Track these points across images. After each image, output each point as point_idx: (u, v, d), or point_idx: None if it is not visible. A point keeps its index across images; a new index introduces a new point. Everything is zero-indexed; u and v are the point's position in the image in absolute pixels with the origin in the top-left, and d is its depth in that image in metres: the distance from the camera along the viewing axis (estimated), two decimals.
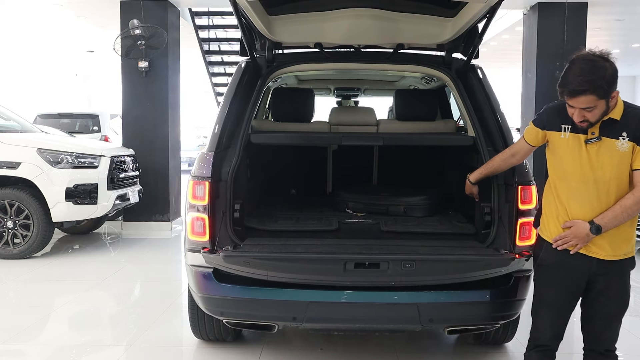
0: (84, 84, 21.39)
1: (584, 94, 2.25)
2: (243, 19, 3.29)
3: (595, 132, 2.36)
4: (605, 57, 2.27)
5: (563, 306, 2.53)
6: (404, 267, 2.75)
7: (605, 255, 2.41)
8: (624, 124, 2.33)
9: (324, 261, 2.84)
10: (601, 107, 2.30)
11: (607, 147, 2.35)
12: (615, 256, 2.41)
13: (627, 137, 2.32)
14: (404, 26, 3.54)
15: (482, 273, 2.91)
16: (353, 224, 3.51)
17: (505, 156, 2.88)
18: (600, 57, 2.27)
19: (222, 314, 3.05)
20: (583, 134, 2.39)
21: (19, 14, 10.03)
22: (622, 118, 2.34)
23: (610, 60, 2.27)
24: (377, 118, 4.14)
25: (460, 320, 3.01)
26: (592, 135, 2.37)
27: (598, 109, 2.30)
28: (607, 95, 2.28)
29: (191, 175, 3.05)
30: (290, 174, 4.70)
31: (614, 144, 2.33)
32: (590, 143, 2.37)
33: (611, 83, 2.26)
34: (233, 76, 3.50)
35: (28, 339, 3.93)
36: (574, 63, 2.29)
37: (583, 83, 2.24)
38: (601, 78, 2.23)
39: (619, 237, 2.40)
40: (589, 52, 2.31)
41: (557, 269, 2.51)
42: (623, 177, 2.35)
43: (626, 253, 2.43)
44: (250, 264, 2.84)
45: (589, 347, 2.53)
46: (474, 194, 3.19)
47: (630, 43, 13.55)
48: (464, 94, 3.47)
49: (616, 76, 2.27)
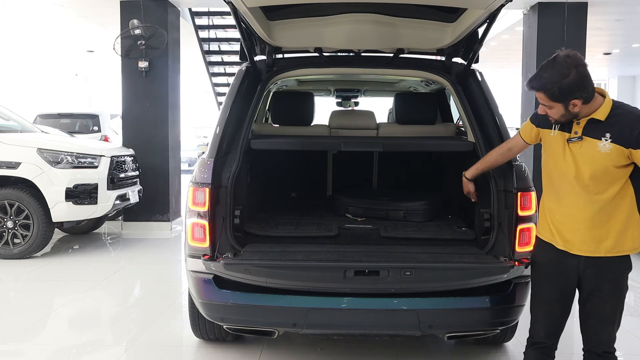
0: (84, 84, 21.39)
1: (538, 91, 2.31)
2: (243, 24, 3.29)
3: (579, 131, 2.38)
4: (573, 65, 2.24)
5: (555, 303, 2.55)
6: (404, 274, 2.76)
7: (588, 252, 2.41)
8: (609, 125, 2.33)
9: (324, 269, 2.85)
10: (559, 109, 2.33)
11: (588, 147, 2.36)
12: (598, 252, 2.40)
13: (610, 138, 2.32)
14: (404, 31, 3.54)
15: (481, 280, 2.93)
16: (353, 229, 3.52)
17: (502, 150, 2.90)
18: (568, 63, 2.25)
19: (222, 320, 3.07)
20: (567, 133, 2.42)
21: (19, 14, 10.03)
22: (608, 119, 2.34)
23: (580, 69, 2.24)
24: (377, 121, 4.14)
25: (460, 327, 3.02)
26: (575, 134, 2.39)
27: (556, 110, 2.33)
28: (561, 100, 2.28)
29: (191, 181, 3.06)
30: (290, 178, 4.70)
31: (596, 144, 2.34)
32: (571, 142, 2.39)
33: (567, 92, 2.25)
34: (233, 81, 3.51)
35: (28, 339, 3.94)
36: (551, 58, 2.31)
37: (536, 79, 2.31)
38: (554, 82, 2.25)
39: (597, 232, 2.39)
40: (570, 53, 2.29)
41: (548, 266, 2.54)
42: (603, 177, 2.35)
43: (611, 250, 2.39)
44: (251, 272, 2.85)
45: (587, 348, 2.54)
46: (470, 193, 3.18)
47: (630, 43, 13.55)
48: (464, 98, 3.48)
49: (577, 86, 2.24)
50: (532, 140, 2.68)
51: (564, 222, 2.46)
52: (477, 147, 3.28)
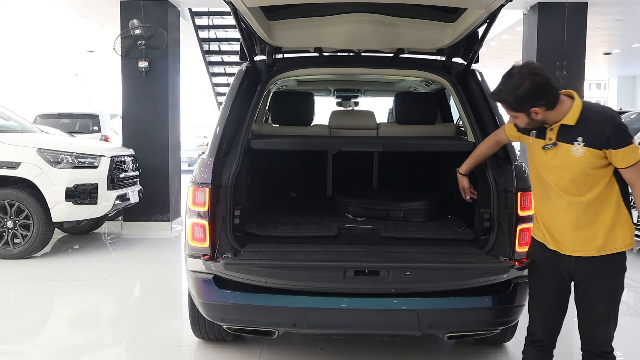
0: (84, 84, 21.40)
1: (499, 102, 2.41)
2: (243, 24, 3.29)
3: (553, 137, 2.41)
4: (526, 74, 2.28)
5: (549, 301, 2.56)
6: (404, 274, 2.76)
7: (578, 252, 2.42)
8: (580, 129, 2.34)
9: (324, 269, 2.85)
10: (522, 118, 2.39)
11: (563, 152, 2.38)
12: (588, 252, 2.40)
13: (583, 142, 2.33)
14: (404, 31, 3.54)
15: (481, 280, 2.93)
16: (353, 229, 3.52)
17: (490, 143, 2.97)
18: (521, 73, 2.29)
19: (222, 320, 3.07)
20: (543, 140, 2.45)
21: (19, 14, 10.04)
22: (579, 123, 2.35)
23: (534, 78, 2.27)
24: (376, 121, 4.14)
25: (460, 327, 3.02)
26: (550, 141, 2.42)
27: (520, 119, 2.40)
28: (520, 109, 2.34)
29: (191, 181, 3.06)
30: (290, 178, 4.70)
31: (569, 149, 2.36)
32: (546, 149, 2.43)
33: (523, 101, 2.30)
34: (233, 81, 3.50)
35: (28, 339, 3.94)
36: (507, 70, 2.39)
37: (495, 92, 2.40)
38: (510, 93, 2.31)
39: (584, 233, 2.39)
40: (525, 63, 2.34)
41: (542, 265, 2.57)
42: (584, 180, 2.36)
43: (602, 249, 2.39)
44: (251, 272, 2.86)
45: (585, 348, 2.55)
46: (465, 189, 3.20)
47: (630, 43, 13.56)
48: (464, 98, 3.48)
49: (533, 94, 2.28)
50: (514, 139, 2.75)
51: (551, 224, 2.50)
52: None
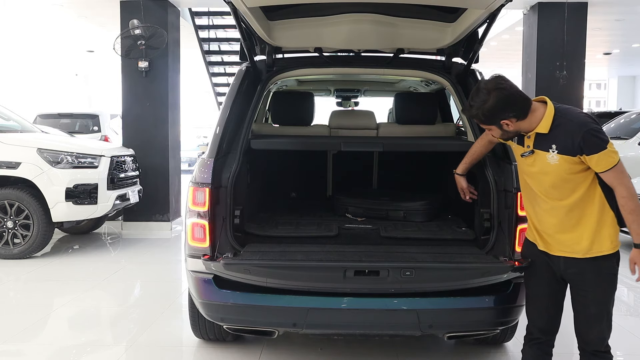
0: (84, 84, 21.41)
1: (471, 117, 2.49)
2: (243, 24, 3.29)
3: (530, 145, 2.45)
4: (491, 89, 2.32)
5: (543, 299, 2.59)
6: (404, 274, 2.76)
7: (566, 253, 2.44)
8: (553, 137, 2.37)
9: (324, 269, 2.85)
10: (495, 131, 2.45)
11: (540, 159, 2.42)
12: (575, 254, 2.41)
13: (557, 150, 2.36)
14: (403, 31, 3.54)
15: (481, 280, 2.93)
16: (353, 229, 3.52)
17: (483, 142, 3.00)
18: (486, 89, 2.34)
19: (222, 320, 3.07)
20: (521, 147, 2.50)
21: (19, 14, 10.04)
22: (551, 131, 2.37)
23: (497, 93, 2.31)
24: (376, 121, 4.14)
25: (460, 327, 3.02)
26: (527, 148, 2.46)
27: (494, 131, 2.46)
28: (491, 122, 2.41)
29: (191, 181, 3.05)
30: (290, 178, 4.70)
31: (545, 156, 2.40)
32: (524, 156, 2.48)
33: (490, 115, 2.36)
34: (233, 81, 3.50)
35: (28, 339, 3.94)
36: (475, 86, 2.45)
37: (465, 108, 2.51)
38: (477, 108, 2.38)
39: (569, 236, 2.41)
40: (491, 78, 2.39)
41: (535, 263, 2.59)
42: (564, 185, 2.39)
43: (589, 252, 2.39)
44: (251, 272, 2.85)
45: (581, 347, 2.57)
46: (464, 190, 3.20)
47: (630, 43, 13.57)
48: (464, 98, 3.48)
49: (498, 108, 2.32)
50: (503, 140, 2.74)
51: (539, 226, 2.54)
52: None
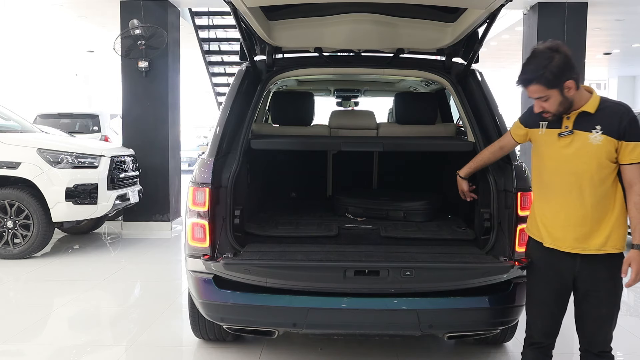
0: (84, 84, 21.40)
1: (531, 84, 2.36)
2: (243, 24, 3.29)
3: (569, 125, 2.43)
4: (554, 49, 2.33)
5: (550, 304, 2.56)
6: (404, 274, 2.76)
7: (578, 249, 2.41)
8: (599, 118, 2.38)
9: (324, 269, 2.85)
10: (556, 97, 2.36)
11: (579, 140, 2.40)
12: (588, 249, 2.40)
13: (601, 130, 2.36)
14: (403, 31, 3.54)
15: (481, 280, 2.93)
16: (353, 229, 3.52)
17: (493, 149, 2.95)
18: (549, 48, 2.34)
19: (222, 320, 3.07)
20: (557, 129, 2.46)
21: (19, 14, 10.04)
22: (597, 112, 2.39)
23: (562, 51, 2.33)
24: (377, 121, 4.14)
25: (460, 326, 3.02)
26: (566, 129, 2.43)
27: (553, 99, 2.37)
28: (555, 85, 2.34)
29: (191, 181, 3.05)
30: (290, 178, 4.70)
31: (587, 136, 2.38)
32: (562, 136, 2.43)
33: (558, 74, 2.32)
34: (233, 81, 3.50)
35: (28, 339, 3.94)
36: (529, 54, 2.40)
37: (528, 72, 2.37)
38: (544, 67, 2.32)
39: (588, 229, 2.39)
40: (541, 43, 2.39)
41: (542, 267, 2.55)
42: (596, 170, 2.37)
43: (602, 248, 2.38)
44: (251, 272, 2.85)
45: (584, 348, 2.55)
46: (465, 192, 3.20)
47: (630, 43, 13.55)
48: (464, 98, 3.48)
49: (565, 67, 2.32)
50: (521, 140, 2.73)
51: (553, 220, 2.48)
52: (477, 147, 3.28)
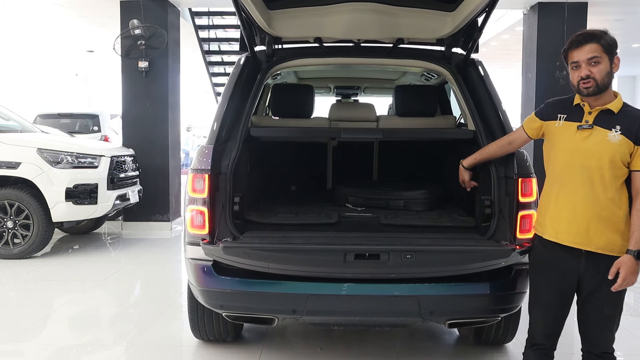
0: (84, 84, 21.39)
1: (589, 42, 2.38)
2: (243, 14, 3.29)
3: (590, 120, 2.42)
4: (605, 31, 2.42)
5: (554, 305, 2.54)
6: (404, 257, 2.73)
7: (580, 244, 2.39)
8: (620, 119, 2.39)
9: (324, 252, 2.82)
10: (605, 64, 2.38)
11: (598, 136, 2.39)
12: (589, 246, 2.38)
13: (620, 130, 2.36)
14: (403, 21, 3.53)
15: (482, 264, 2.89)
16: (353, 217, 3.50)
17: (502, 143, 2.93)
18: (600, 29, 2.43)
19: (222, 307, 3.03)
20: (577, 122, 2.45)
21: (19, 14, 10.03)
22: (619, 113, 2.41)
23: None
24: (377, 114, 4.13)
25: (461, 313, 2.99)
26: (586, 122, 2.43)
27: (603, 65, 2.38)
28: (610, 51, 2.38)
29: (191, 168, 3.03)
30: (290, 171, 4.67)
31: (606, 134, 2.38)
32: (582, 129, 2.43)
33: (613, 44, 2.39)
34: (233, 70, 3.48)
35: (28, 339, 3.93)
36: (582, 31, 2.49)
37: (586, 34, 2.41)
38: (604, 33, 2.39)
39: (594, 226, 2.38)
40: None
41: (546, 268, 2.54)
42: (607, 168, 2.36)
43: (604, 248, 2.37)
44: (250, 255, 2.81)
45: (586, 349, 2.53)
46: (465, 182, 3.18)
47: (630, 43, 13.56)
48: (464, 88, 3.46)
49: (615, 44, 2.40)
50: (535, 134, 2.71)
51: (559, 213, 2.46)
52: (478, 135, 3.26)
